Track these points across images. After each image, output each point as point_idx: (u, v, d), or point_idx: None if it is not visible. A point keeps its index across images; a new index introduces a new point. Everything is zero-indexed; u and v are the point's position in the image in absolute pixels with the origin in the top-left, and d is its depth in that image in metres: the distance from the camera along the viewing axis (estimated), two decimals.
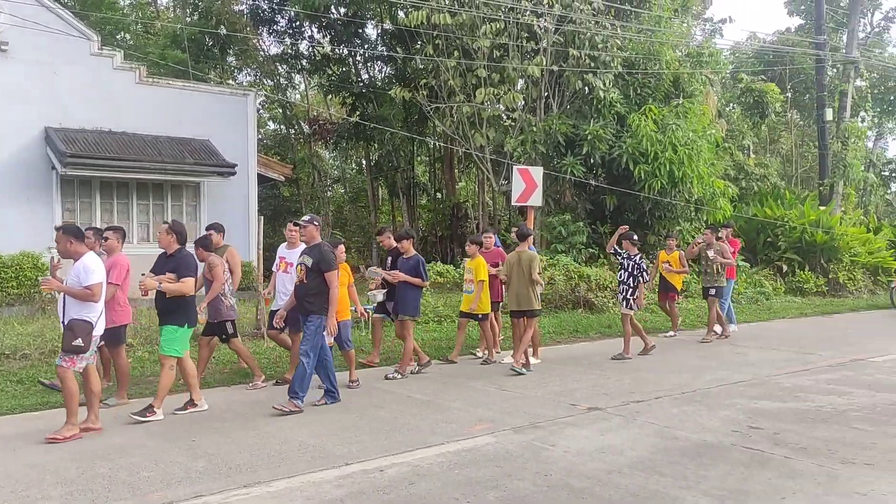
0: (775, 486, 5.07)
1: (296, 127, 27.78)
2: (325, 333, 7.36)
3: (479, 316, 9.90)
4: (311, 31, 23.75)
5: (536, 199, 13.57)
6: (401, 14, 20.50)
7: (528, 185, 13.32)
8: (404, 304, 9.10)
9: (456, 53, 16.70)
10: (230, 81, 25.81)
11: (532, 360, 9.65)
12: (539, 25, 16.33)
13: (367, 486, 5.14)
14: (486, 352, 10.23)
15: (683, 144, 16.19)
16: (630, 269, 10.44)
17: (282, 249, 8.93)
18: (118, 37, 25.45)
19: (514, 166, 13.76)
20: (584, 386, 8.52)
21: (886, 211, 33.86)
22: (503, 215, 22.39)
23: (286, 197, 26.99)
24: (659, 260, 12.56)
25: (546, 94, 17.41)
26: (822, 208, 21.16)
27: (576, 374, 9.23)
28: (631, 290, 10.41)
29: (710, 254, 12.05)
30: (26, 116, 14.31)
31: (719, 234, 12.65)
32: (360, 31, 23.33)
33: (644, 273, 10.46)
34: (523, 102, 17.56)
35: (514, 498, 4.90)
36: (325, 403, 7.53)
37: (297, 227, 8.67)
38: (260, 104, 27.67)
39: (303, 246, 8.40)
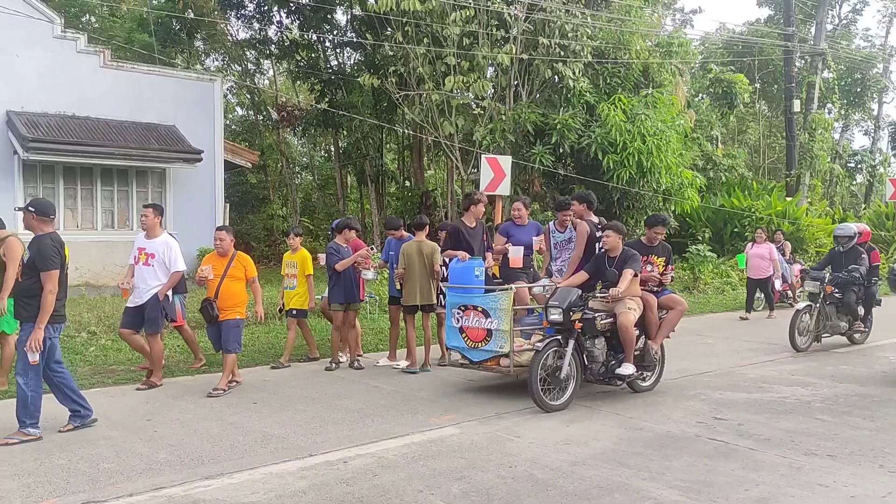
0: (739, 478, 5.11)
1: (264, 113, 27.42)
2: (25, 348, 5.86)
3: (294, 312, 9.08)
4: (280, 15, 23.38)
5: (505, 189, 13.53)
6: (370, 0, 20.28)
7: (496, 174, 13.27)
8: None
9: (425, 41, 16.57)
10: (197, 66, 25.36)
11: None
12: (509, 13, 16.27)
13: (331, 478, 5.08)
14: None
15: (652, 134, 16.27)
16: None
17: (140, 240, 7.90)
18: (83, 19, 24.87)
19: (483, 155, 13.71)
20: None
21: (851, 202, 34.51)
22: None
23: (253, 184, 26.68)
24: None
25: (515, 82, 17.37)
26: (788, 199, 21.46)
27: None
28: None
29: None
30: None
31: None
32: (330, 16, 23.01)
33: None
34: (493, 91, 17.49)
35: (479, 490, 4.88)
36: (73, 428, 6.15)
37: (152, 211, 7.87)
38: (227, 90, 27.29)
39: (164, 235, 7.90)
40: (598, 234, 8.00)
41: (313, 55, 23.87)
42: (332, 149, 27.05)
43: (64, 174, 14.77)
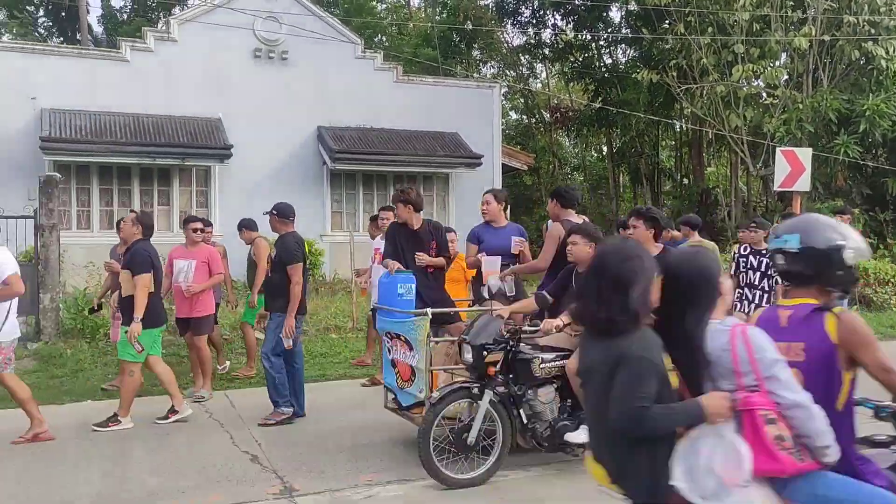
0: None
1: (537, 116, 27.97)
2: (281, 335, 6.32)
3: None
4: (555, 18, 23.74)
5: (803, 184, 12.27)
6: None
7: (793, 168, 12.10)
8: None
9: (710, 30, 15.69)
10: (475, 75, 26.62)
11: None
12: None
13: None
14: None
15: None
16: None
17: (377, 241, 8.17)
18: (375, 39, 27.36)
19: (778, 148, 12.63)
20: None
21: None
22: (758, 201, 20.75)
23: (527, 185, 27.28)
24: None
25: (814, 67, 15.78)
26: None
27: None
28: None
29: None
30: (302, 117, 15.79)
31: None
32: (604, 14, 22.86)
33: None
34: (787, 78, 16.08)
35: None
36: (269, 423, 6.36)
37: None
38: (503, 95, 28.27)
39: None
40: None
41: (586, 55, 23.88)
42: (605, 148, 26.82)
43: (363, 181, 16.32)
